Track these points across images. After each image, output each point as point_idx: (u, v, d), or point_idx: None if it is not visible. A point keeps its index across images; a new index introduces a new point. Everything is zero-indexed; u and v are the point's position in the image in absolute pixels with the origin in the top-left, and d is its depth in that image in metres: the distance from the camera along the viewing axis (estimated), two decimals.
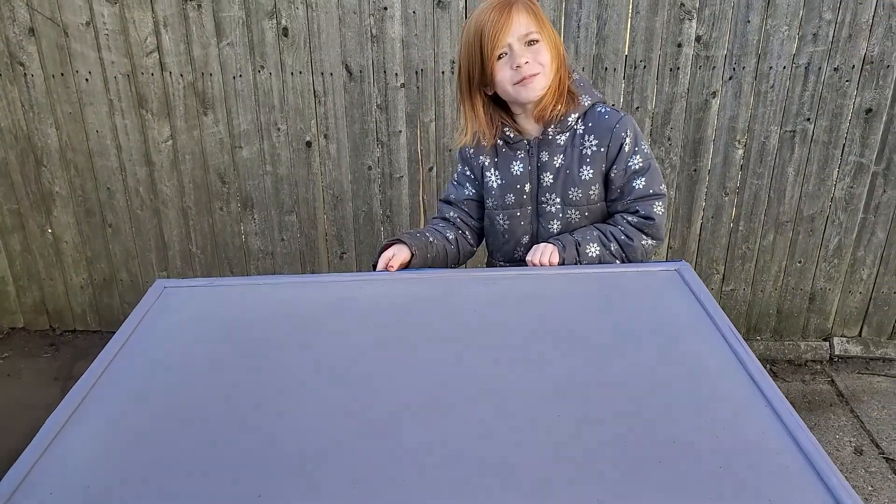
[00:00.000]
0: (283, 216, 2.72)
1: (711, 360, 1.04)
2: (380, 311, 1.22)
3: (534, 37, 1.32)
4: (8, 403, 2.58)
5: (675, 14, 2.30)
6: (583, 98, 1.40)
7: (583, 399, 0.96)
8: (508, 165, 1.47)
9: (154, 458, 0.86)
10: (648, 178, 1.40)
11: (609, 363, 1.04)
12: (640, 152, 1.40)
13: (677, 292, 1.26)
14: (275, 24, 2.42)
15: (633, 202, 1.42)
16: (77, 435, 0.91)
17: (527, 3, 1.33)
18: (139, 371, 1.05)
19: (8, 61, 2.56)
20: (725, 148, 2.47)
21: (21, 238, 2.87)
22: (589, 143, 1.40)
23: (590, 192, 1.43)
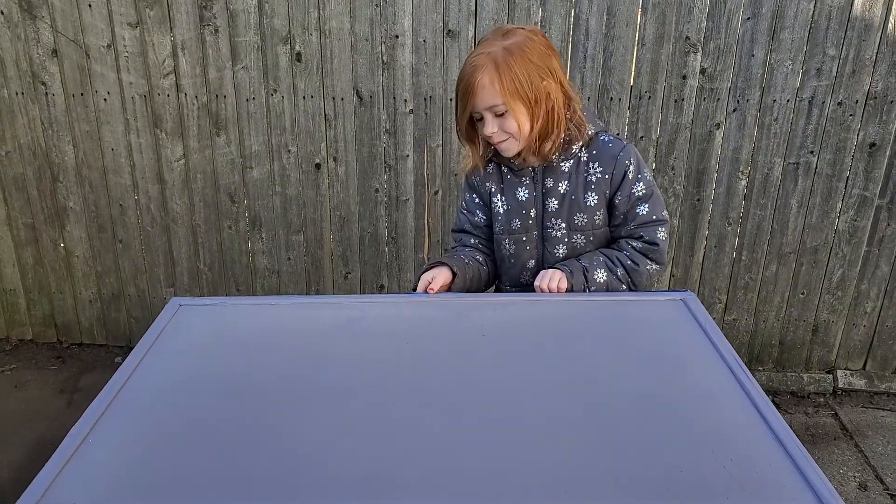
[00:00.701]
0: (290, 236, 2.76)
1: (717, 391, 1.06)
2: (389, 333, 1.25)
3: (498, 109, 1.33)
4: (14, 414, 2.60)
5: (680, 47, 2.35)
6: (588, 128, 1.42)
7: (588, 427, 0.98)
8: (514, 191, 1.49)
9: (172, 474, 0.89)
10: (651, 204, 1.43)
11: (615, 392, 1.07)
12: (643, 179, 1.42)
13: (682, 322, 1.28)
14: (289, 50, 2.48)
15: (636, 228, 1.45)
16: (97, 450, 0.93)
17: (492, 73, 1.31)
18: (156, 387, 1.08)
19: (31, 80, 2.62)
20: (729, 178, 2.51)
21: (34, 251, 2.91)
22: (593, 170, 1.43)
23: (595, 217, 1.45)
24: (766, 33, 2.29)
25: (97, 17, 2.52)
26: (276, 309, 1.34)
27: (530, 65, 1.31)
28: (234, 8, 2.45)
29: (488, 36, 1.36)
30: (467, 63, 1.34)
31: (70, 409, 2.64)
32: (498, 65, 1.30)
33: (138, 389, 1.07)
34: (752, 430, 0.97)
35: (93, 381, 2.83)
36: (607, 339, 1.23)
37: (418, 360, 1.15)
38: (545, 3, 2.33)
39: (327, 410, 1.02)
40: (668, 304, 1.36)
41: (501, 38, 1.33)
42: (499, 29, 1.37)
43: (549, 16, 2.34)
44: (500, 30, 1.36)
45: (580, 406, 1.03)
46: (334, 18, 2.42)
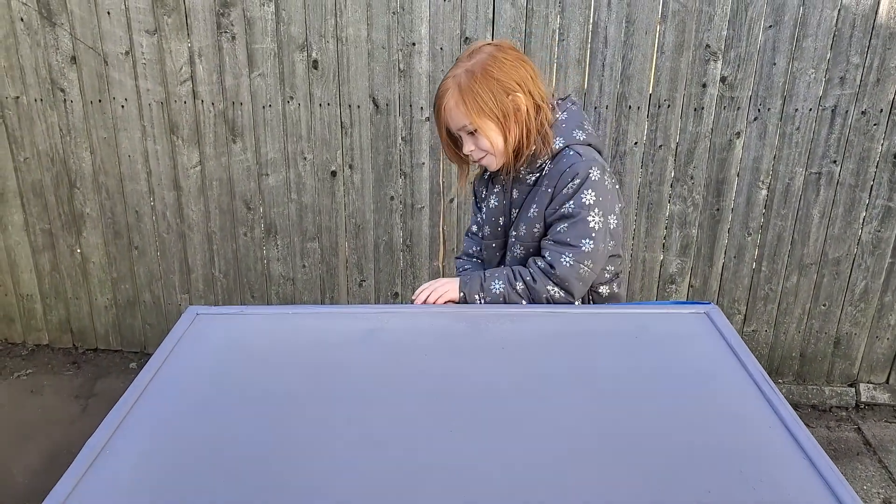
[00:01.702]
0: (305, 243, 2.75)
1: (744, 408, 1.03)
2: (408, 344, 1.23)
3: (469, 129, 1.37)
4: (30, 419, 2.60)
5: (700, 55, 2.32)
6: (556, 141, 1.39)
7: (612, 444, 0.96)
8: (489, 198, 1.54)
9: (190, 486, 0.87)
10: (572, 227, 1.37)
11: (638, 407, 1.04)
12: (575, 199, 1.36)
13: (706, 335, 1.25)
14: (305, 57, 2.48)
15: (547, 243, 1.41)
16: (114, 460, 0.92)
17: (456, 96, 1.35)
18: (174, 397, 1.06)
19: (49, 87, 2.64)
20: (749, 188, 2.47)
21: (51, 257, 2.93)
22: (544, 183, 1.42)
23: (534, 229, 1.45)
24: (789, 41, 2.26)
25: (116, 25, 2.53)
26: (294, 318, 1.32)
27: (493, 81, 1.34)
28: (251, 15, 2.45)
29: (459, 57, 1.43)
30: (440, 86, 1.40)
31: (85, 414, 2.64)
32: (461, 87, 1.35)
33: (156, 400, 1.06)
34: (781, 450, 0.95)
35: (108, 386, 2.83)
36: (629, 353, 1.20)
37: (438, 373, 1.13)
38: (563, 11, 2.32)
39: (346, 422, 1.00)
40: (691, 317, 1.34)
41: (467, 58, 1.38)
42: (468, 49, 1.41)
43: (568, 24, 2.33)
44: (469, 49, 1.41)
45: (603, 422, 1.00)
46: (351, 26, 2.42)
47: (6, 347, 3.09)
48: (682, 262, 2.60)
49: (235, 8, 2.45)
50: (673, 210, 2.53)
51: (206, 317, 1.31)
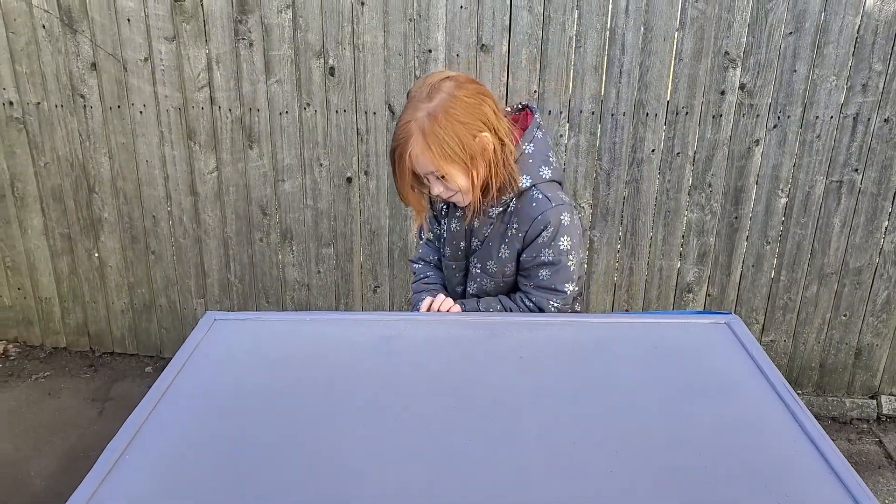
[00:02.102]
0: (320, 249, 2.76)
1: (767, 421, 1.02)
2: (424, 352, 1.22)
3: (437, 173, 1.34)
4: (48, 421, 2.62)
5: (718, 62, 2.30)
6: (523, 179, 1.38)
7: (632, 456, 0.94)
8: (451, 220, 1.53)
9: (207, 488, 0.87)
10: (554, 273, 1.41)
11: (659, 419, 1.03)
12: (553, 247, 1.39)
13: (727, 345, 1.24)
14: (322, 64, 2.49)
15: (533, 289, 1.45)
16: (134, 464, 0.92)
17: (421, 143, 1.29)
18: (192, 403, 1.07)
19: (70, 93, 2.67)
20: (768, 196, 2.44)
21: (69, 261, 2.95)
22: (513, 223, 1.42)
23: (505, 268, 1.48)
24: (809, 48, 2.24)
25: (135, 32, 2.55)
26: (311, 325, 1.32)
27: (458, 125, 1.29)
28: (268, 22, 2.47)
29: (415, 93, 1.33)
30: (397, 131, 1.32)
31: (101, 417, 2.66)
32: (426, 134, 1.28)
33: (174, 405, 1.06)
34: (806, 463, 0.93)
35: (124, 390, 2.85)
36: (649, 364, 1.19)
37: (455, 381, 1.13)
38: (581, 17, 2.31)
39: (364, 429, 0.99)
40: (712, 328, 1.32)
41: (426, 99, 1.30)
42: (426, 83, 1.33)
43: (585, 30, 2.32)
44: (427, 84, 1.32)
45: (622, 433, 0.99)
46: (368, 33, 2.43)
47: (25, 350, 3.11)
48: (699, 271, 2.57)
49: (253, 15, 2.47)
50: (690, 218, 2.51)
51: (224, 322, 1.31)
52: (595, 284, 2.63)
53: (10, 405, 2.73)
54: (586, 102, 2.40)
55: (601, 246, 2.57)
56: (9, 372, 2.97)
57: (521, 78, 2.40)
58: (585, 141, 2.45)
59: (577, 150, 2.46)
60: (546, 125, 2.44)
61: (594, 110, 2.41)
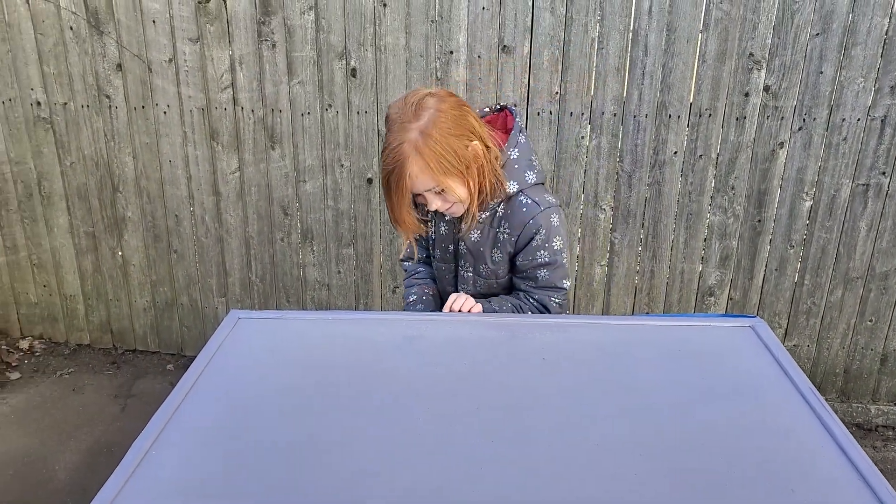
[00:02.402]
0: (340, 249, 2.77)
1: (794, 426, 1.00)
2: (447, 352, 1.23)
3: (437, 188, 1.35)
4: (72, 417, 2.66)
5: (743, 64, 2.28)
6: (510, 185, 1.42)
7: (657, 459, 0.94)
8: (440, 224, 1.57)
9: (232, 484, 0.88)
10: (552, 272, 1.48)
11: (683, 422, 1.02)
12: (548, 249, 1.45)
13: (752, 349, 1.22)
14: (344, 65, 2.50)
15: (534, 289, 1.51)
16: (161, 460, 0.93)
17: (419, 161, 1.30)
18: (217, 401, 1.08)
19: (96, 94, 2.71)
20: (792, 199, 2.41)
21: (93, 259, 3.00)
22: (503, 228, 1.46)
23: (499, 270, 1.53)
24: (836, 49, 2.21)
25: (160, 33, 2.59)
26: (334, 324, 1.33)
27: (451, 137, 1.32)
28: (291, 24, 2.49)
29: (397, 115, 1.33)
30: (389, 154, 1.32)
31: (124, 414, 2.69)
32: (422, 152, 1.30)
33: (198, 403, 1.07)
34: (835, 470, 0.92)
35: (146, 387, 2.88)
36: (673, 367, 1.18)
37: (478, 383, 1.13)
38: (603, 19, 2.30)
39: (387, 428, 1.00)
40: (736, 331, 1.31)
41: (413, 118, 1.31)
42: (407, 103, 1.34)
43: (608, 32, 2.31)
44: (409, 104, 1.33)
45: (645, 436, 0.98)
46: (390, 34, 2.44)
47: (50, 346, 3.16)
48: (721, 274, 2.55)
49: (276, 16, 2.49)
50: (713, 221, 2.49)
51: (247, 321, 1.33)
52: (616, 287, 2.61)
53: (35, 400, 2.78)
54: (608, 104, 2.39)
55: (622, 248, 2.56)
56: (34, 368, 3.01)
57: (543, 79, 2.39)
58: (607, 143, 2.43)
59: (599, 152, 2.45)
60: (568, 126, 2.43)
61: (616, 112, 2.39)
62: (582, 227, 2.57)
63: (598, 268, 2.61)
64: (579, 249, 2.61)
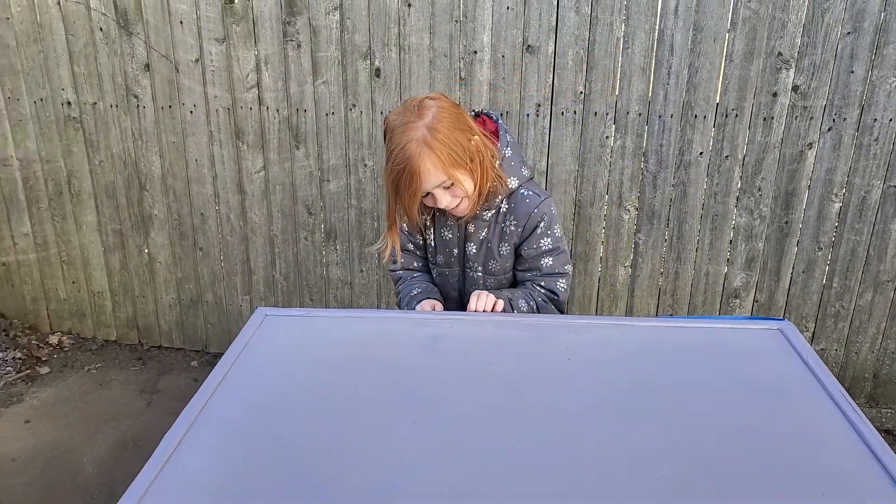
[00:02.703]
0: (363, 248, 2.78)
1: (824, 430, 0.99)
2: (472, 352, 1.23)
3: (446, 184, 1.39)
4: (99, 411, 2.71)
5: (771, 63, 2.25)
6: (510, 180, 1.50)
7: (685, 462, 0.93)
8: (441, 229, 1.59)
9: (260, 480, 0.89)
10: (556, 258, 1.55)
11: (711, 425, 1.01)
12: (551, 236, 1.53)
13: (781, 353, 1.21)
14: (368, 65, 2.52)
15: (540, 276, 1.56)
16: (190, 454, 0.95)
17: (431, 156, 1.34)
18: (244, 397, 1.09)
19: (124, 94, 2.76)
20: (820, 201, 2.38)
21: (120, 256, 3.04)
22: (509, 222, 1.53)
23: (507, 264, 1.58)
24: (868, 49, 2.17)
25: (187, 34, 2.62)
26: (359, 322, 1.34)
27: (455, 131, 1.37)
28: (316, 24, 2.50)
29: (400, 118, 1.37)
30: (399, 154, 1.35)
31: (150, 409, 2.73)
32: (432, 146, 1.34)
33: (226, 400, 1.08)
34: (867, 475, 0.90)
35: (170, 383, 2.92)
36: (700, 369, 1.17)
37: (503, 383, 1.13)
38: (629, 18, 2.29)
39: (413, 427, 1.00)
40: (764, 333, 1.29)
41: (417, 117, 1.36)
42: (406, 107, 1.39)
43: (633, 31, 2.29)
44: (409, 106, 1.39)
45: (674, 439, 0.98)
46: (414, 34, 2.44)
47: (78, 342, 3.22)
48: (747, 276, 2.52)
49: (301, 16, 2.51)
50: (739, 222, 2.46)
51: (274, 318, 1.34)
52: (639, 289, 2.60)
53: (64, 394, 2.83)
54: (633, 104, 2.37)
55: (646, 249, 2.54)
56: (63, 362, 3.07)
57: (567, 79, 2.38)
58: (632, 143, 2.42)
59: (623, 152, 2.44)
60: (593, 126, 2.42)
61: (641, 112, 2.38)
62: (606, 227, 2.55)
63: (621, 269, 2.59)
64: (602, 250, 2.59)
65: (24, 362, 3.04)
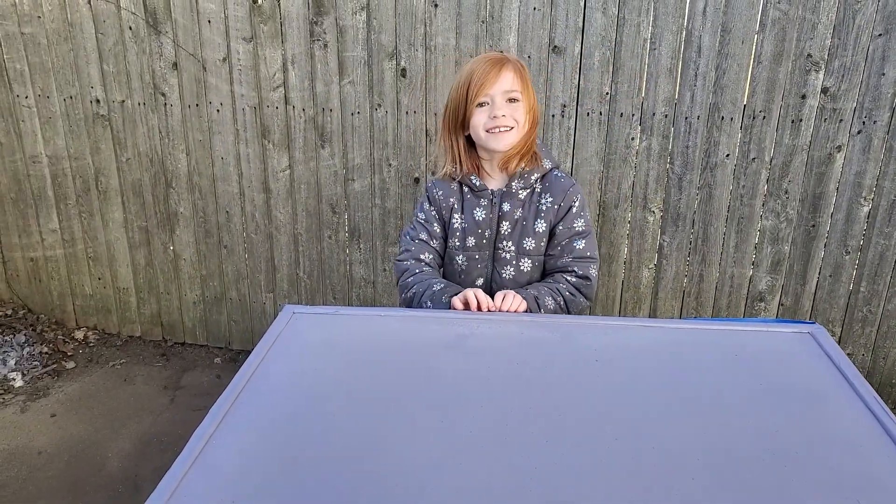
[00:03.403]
0: (386, 247, 2.79)
1: (858, 435, 0.98)
2: (499, 351, 1.23)
3: (515, 95, 1.51)
4: (123, 406, 2.74)
5: (800, 65, 2.23)
6: (545, 161, 1.60)
7: (716, 466, 0.92)
8: (472, 210, 1.61)
9: (288, 476, 0.90)
10: (588, 242, 1.58)
11: (743, 430, 1.00)
12: (584, 217, 1.58)
13: (812, 357, 1.20)
14: (394, 65, 2.53)
15: (572, 261, 1.57)
16: (219, 451, 0.95)
17: (517, 65, 1.52)
18: (272, 393, 1.10)
19: (152, 92, 2.79)
20: (849, 204, 2.35)
21: (146, 253, 3.08)
22: (545, 200, 1.57)
23: (541, 243, 1.58)
24: None
25: (215, 33, 2.65)
26: (386, 321, 1.34)
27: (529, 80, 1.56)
28: (343, 24, 2.52)
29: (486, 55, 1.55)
30: (484, 59, 1.51)
31: (173, 405, 2.76)
32: (517, 65, 1.53)
33: (255, 396, 1.09)
34: None
35: (193, 379, 2.95)
36: (730, 372, 1.16)
37: (531, 384, 1.12)
38: (656, 19, 2.27)
39: (440, 427, 1.00)
40: (794, 337, 1.28)
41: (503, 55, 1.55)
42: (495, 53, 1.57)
43: (660, 32, 2.28)
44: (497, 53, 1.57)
45: (705, 443, 0.97)
46: (440, 34, 2.45)
47: (103, 337, 3.27)
48: (772, 280, 2.49)
49: (328, 16, 2.52)
50: (765, 225, 2.43)
51: (302, 316, 1.35)
52: (663, 291, 2.58)
53: (89, 389, 2.87)
54: (659, 105, 2.36)
55: (671, 251, 2.52)
56: (88, 358, 3.12)
57: (593, 80, 2.38)
58: (657, 144, 2.40)
59: (649, 154, 2.42)
60: (618, 127, 2.41)
61: (667, 113, 2.36)
62: (630, 229, 2.54)
63: (645, 270, 2.57)
64: (627, 252, 2.58)
65: (51, 357, 3.09)
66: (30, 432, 2.57)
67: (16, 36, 2.85)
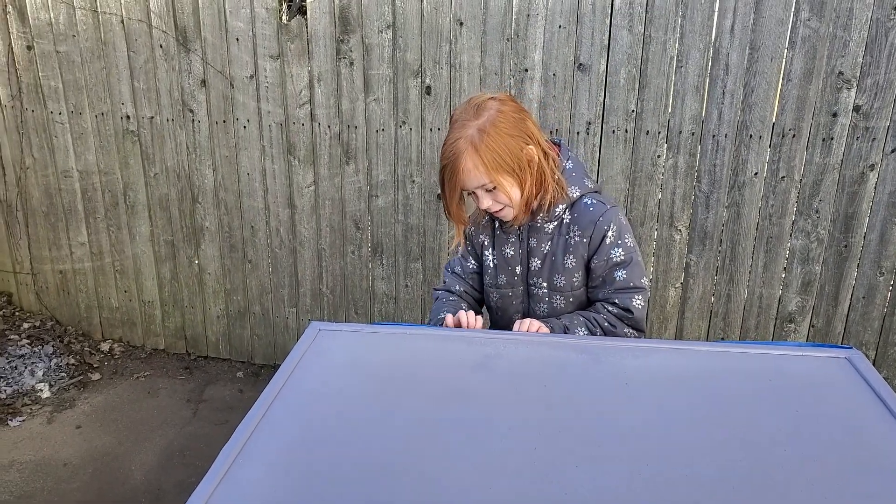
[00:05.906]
0: (409, 263, 2.79)
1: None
2: (527, 373, 1.21)
3: (488, 186, 1.38)
4: (147, 419, 2.76)
5: (831, 82, 2.20)
6: (571, 190, 1.45)
7: (751, 493, 0.90)
8: (502, 247, 1.54)
9: (315, 494, 0.89)
10: (629, 271, 1.46)
11: (776, 456, 0.97)
12: (622, 245, 1.45)
13: (849, 383, 1.16)
14: (419, 83, 2.54)
15: (613, 293, 1.47)
16: (248, 467, 0.95)
17: (474, 157, 1.34)
18: (299, 410, 1.09)
19: (181, 108, 2.83)
20: (883, 224, 2.30)
21: (171, 267, 3.11)
22: (574, 232, 1.46)
23: (573, 279, 1.49)
24: None
25: (243, 51, 2.69)
26: (412, 339, 1.33)
27: (507, 137, 1.35)
28: (369, 42, 2.54)
29: (460, 115, 1.39)
30: (447, 149, 1.37)
31: (196, 418, 2.77)
32: (477, 147, 1.34)
33: (282, 414, 1.09)
34: None
35: (216, 393, 2.96)
36: (764, 397, 1.13)
37: (560, 407, 1.10)
38: (683, 37, 2.26)
39: (466, 451, 0.99)
40: (831, 362, 1.25)
41: (474, 117, 1.36)
42: (470, 104, 1.39)
43: (687, 50, 2.26)
44: (472, 105, 1.39)
45: (736, 469, 0.94)
46: (465, 52, 2.46)
47: (128, 349, 3.30)
48: (802, 301, 2.44)
49: (355, 35, 2.55)
50: (795, 245, 2.39)
51: (328, 333, 1.34)
52: (690, 311, 2.54)
53: (113, 401, 2.89)
54: (686, 123, 2.34)
55: (698, 271, 2.49)
56: (113, 370, 3.15)
57: (619, 97, 2.37)
58: (684, 162, 2.38)
59: (676, 172, 2.40)
60: (644, 144, 2.39)
61: (694, 131, 2.34)
62: (657, 247, 2.51)
63: (672, 290, 2.54)
64: (653, 271, 2.55)
65: (77, 368, 3.12)
66: (55, 444, 2.60)
67: (51, 54, 2.91)
